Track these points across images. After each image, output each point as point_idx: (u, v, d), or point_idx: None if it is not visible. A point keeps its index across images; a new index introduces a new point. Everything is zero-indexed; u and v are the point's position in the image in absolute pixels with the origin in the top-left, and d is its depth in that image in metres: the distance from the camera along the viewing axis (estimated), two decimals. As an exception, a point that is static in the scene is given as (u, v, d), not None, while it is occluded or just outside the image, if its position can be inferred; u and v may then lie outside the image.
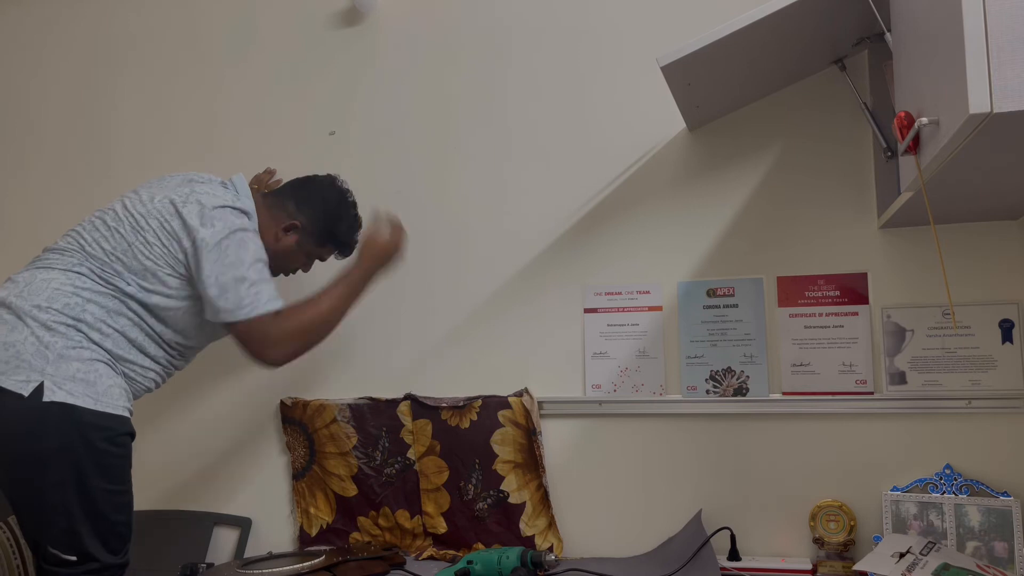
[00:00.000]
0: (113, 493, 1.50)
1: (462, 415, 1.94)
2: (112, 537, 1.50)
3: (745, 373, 1.80)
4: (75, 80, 2.39)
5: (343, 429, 2.01)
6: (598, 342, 1.91)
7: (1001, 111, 0.98)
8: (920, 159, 1.25)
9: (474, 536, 1.92)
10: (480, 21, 2.08)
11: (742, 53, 1.56)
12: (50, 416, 1.42)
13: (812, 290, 1.79)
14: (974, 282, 1.70)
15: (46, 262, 1.56)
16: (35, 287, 1.51)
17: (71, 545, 1.45)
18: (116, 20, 2.38)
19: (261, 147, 2.21)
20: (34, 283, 1.52)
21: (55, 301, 1.49)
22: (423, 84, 2.11)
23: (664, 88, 1.88)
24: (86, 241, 1.58)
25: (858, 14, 1.53)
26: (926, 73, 1.20)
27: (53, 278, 1.52)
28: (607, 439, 1.89)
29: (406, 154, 2.10)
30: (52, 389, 1.43)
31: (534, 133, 2.01)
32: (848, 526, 1.68)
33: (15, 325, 1.47)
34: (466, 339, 2.00)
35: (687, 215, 1.88)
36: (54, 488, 1.44)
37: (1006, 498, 1.59)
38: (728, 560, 1.70)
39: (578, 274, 1.94)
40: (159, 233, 1.57)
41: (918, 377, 1.71)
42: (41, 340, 1.46)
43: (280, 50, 2.22)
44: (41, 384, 1.43)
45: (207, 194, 1.60)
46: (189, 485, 2.13)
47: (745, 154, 1.86)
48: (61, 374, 1.44)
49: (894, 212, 1.59)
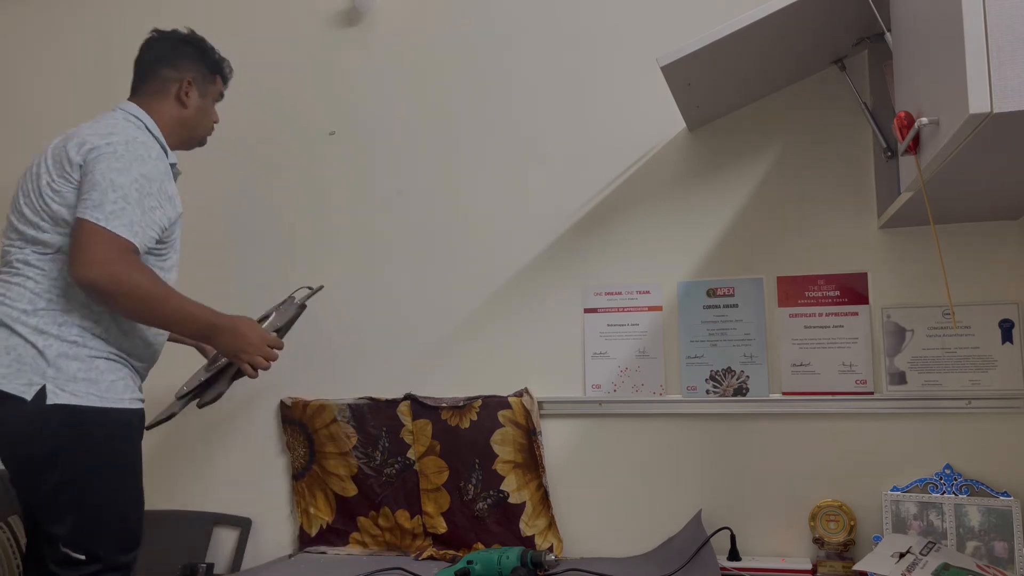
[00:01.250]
0: (123, 490, 1.50)
1: (462, 415, 1.94)
2: (125, 536, 1.50)
3: (745, 373, 1.80)
4: (75, 81, 2.39)
5: (343, 429, 2.01)
6: (598, 342, 1.91)
7: (1001, 111, 0.99)
8: (920, 159, 1.25)
9: (474, 536, 1.92)
10: (480, 21, 2.08)
11: (742, 53, 1.56)
12: (54, 418, 1.42)
13: (812, 290, 1.79)
14: (974, 282, 1.70)
15: (11, 265, 1.53)
16: (14, 293, 1.49)
17: (82, 544, 1.44)
18: (116, 20, 2.38)
19: (261, 147, 2.21)
20: (11, 289, 1.50)
21: (37, 302, 1.48)
22: (423, 84, 2.11)
23: (664, 88, 1.88)
24: (24, 226, 1.53)
25: (858, 14, 1.53)
26: (926, 73, 1.20)
27: (28, 278, 1.50)
28: (607, 439, 1.89)
29: (406, 154, 2.10)
30: (55, 392, 1.43)
31: (534, 133, 2.01)
32: (848, 526, 1.68)
33: (9, 333, 1.46)
34: (466, 339, 2.00)
35: (687, 215, 1.88)
36: (63, 488, 1.43)
37: (1006, 498, 1.59)
38: (728, 560, 1.70)
39: (578, 274, 1.94)
40: (54, 173, 1.52)
41: (918, 377, 1.71)
42: (36, 345, 1.45)
43: (280, 50, 2.22)
44: (43, 387, 1.43)
45: (91, 132, 1.54)
46: (189, 485, 2.13)
47: (745, 154, 1.86)
48: (63, 376, 1.44)
49: (894, 212, 1.59)
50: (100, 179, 1.46)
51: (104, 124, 1.56)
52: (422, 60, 2.11)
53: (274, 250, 2.16)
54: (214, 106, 1.78)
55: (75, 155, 1.50)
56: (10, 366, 1.44)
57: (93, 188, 1.45)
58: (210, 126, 1.77)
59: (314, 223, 2.14)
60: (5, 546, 1.76)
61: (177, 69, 1.70)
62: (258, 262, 2.17)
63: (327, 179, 2.15)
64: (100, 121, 1.58)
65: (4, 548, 1.77)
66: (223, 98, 1.80)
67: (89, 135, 1.52)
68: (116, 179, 1.46)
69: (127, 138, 1.52)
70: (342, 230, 2.12)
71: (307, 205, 2.15)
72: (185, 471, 2.14)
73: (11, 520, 1.86)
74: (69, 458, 1.43)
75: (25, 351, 1.45)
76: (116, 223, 1.44)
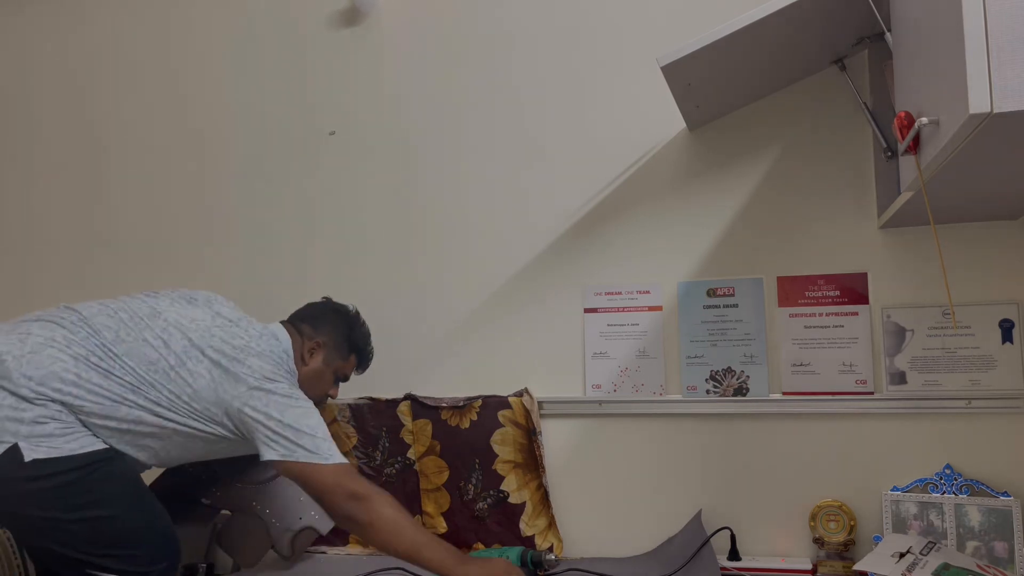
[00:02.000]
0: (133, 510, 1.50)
1: (462, 415, 1.94)
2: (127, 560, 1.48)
3: (745, 373, 1.80)
4: (75, 82, 2.39)
5: (343, 429, 2.01)
6: (598, 342, 1.91)
7: (1001, 111, 0.99)
8: (920, 159, 1.25)
9: (474, 536, 1.92)
10: (480, 21, 2.08)
11: (742, 53, 1.56)
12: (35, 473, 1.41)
13: (812, 290, 1.79)
14: (974, 282, 1.70)
15: (55, 332, 1.52)
16: (36, 360, 1.47)
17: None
18: (116, 21, 2.38)
19: (261, 147, 2.21)
20: (37, 354, 1.48)
21: (49, 381, 1.46)
22: (423, 84, 2.11)
23: (664, 88, 1.88)
24: (110, 339, 1.53)
25: (858, 14, 1.53)
26: (926, 73, 1.20)
27: (57, 357, 1.48)
28: (607, 439, 1.89)
29: (406, 154, 2.10)
30: (29, 449, 1.41)
31: (534, 133, 2.01)
32: (848, 526, 1.68)
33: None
34: (466, 339, 2.00)
35: (687, 215, 1.88)
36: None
37: (1006, 498, 1.59)
38: (728, 560, 1.70)
39: (578, 274, 1.94)
40: (208, 400, 1.55)
41: (918, 377, 1.71)
42: (16, 407, 1.43)
43: (280, 50, 2.23)
44: (15, 445, 1.41)
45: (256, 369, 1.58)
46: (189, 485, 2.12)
47: (745, 154, 1.86)
48: (37, 434, 1.43)
49: (894, 212, 1.59)
50: (299, 426, 1.53)
51: (258, 340, 1.62)
52: (422, 60, 2.11)
53: (273, 250, 2.16)
54: (334, 379, 1.79)
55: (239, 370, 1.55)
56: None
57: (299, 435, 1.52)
58: (322, 396, 1.78)
59: (314, 223, 2.14)
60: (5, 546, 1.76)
61: (316, 330, 1.75)
62: (257, 261, 2.17)
63: (326, 179, 2.15)
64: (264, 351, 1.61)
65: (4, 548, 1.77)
66: (347, 379, 1.83)
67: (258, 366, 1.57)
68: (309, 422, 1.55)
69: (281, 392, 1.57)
70: (342, 230, 2.12)
71: (307, 205, 2.15)
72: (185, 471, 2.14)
73: (11, 520, 1.86)
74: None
75: (2, 407, 1.43)
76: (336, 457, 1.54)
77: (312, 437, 1.52)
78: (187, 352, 1.55)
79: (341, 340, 1.77)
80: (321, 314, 1.79)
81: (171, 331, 1.57)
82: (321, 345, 1.74)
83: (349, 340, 1.79)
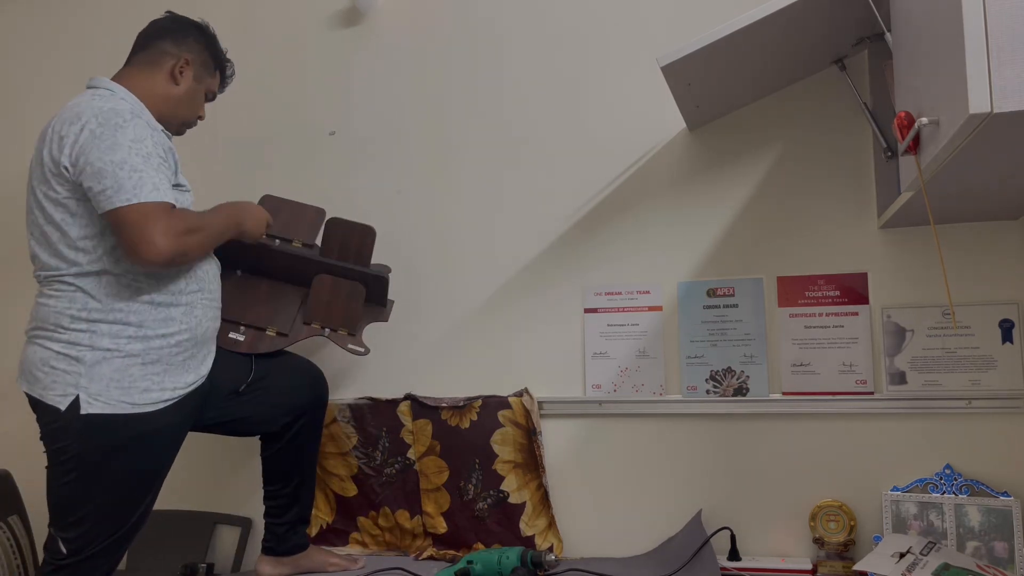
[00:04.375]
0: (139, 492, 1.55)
1: (462, 415, 1.94)
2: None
3: (745, 373, 1.80)
4: (75, 82, 2.39)
5: (343, 429, 2.01)
6: (598, 342, 1.91)
7: (1001, 111, 0.99)
8: (920, 159, 1.25)
9: (474, 536, 1.92)
10: (480, 21, 2.08)
11: (742, 53, 1.56)
12: (86, 426, 1.44)
13: (812, 290, 1.79)
14: (974, 282, 1.70)
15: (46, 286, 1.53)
16: (42, 313, 1.50)
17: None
18: (116, 20, 2.38)
19: (261, 147, 2.21)
20: (40, 310, 1.51)
21: (62, 319, 1.48)
22: (423, 84, 2.11)
23: (664, 88, 1.88)
24: (41, 250, 1.52)
25: (858, 14, 1.53)
26: (926, 73, 1.20)
27: (45, 300, 1.50)
28: (607, 439, 1.89)
29: (406, 154, 2.10)
30: (88, 402, 1.44)
31: (534, 133, 2.01)
32: (848, 526, 1.68)
33: (45, 350, 1.48)
34: (466, 339, 2.00)
35: (687, 215, 1.88)
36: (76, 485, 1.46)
37: (1006, 498, 1.59)
38: (728, 560, 1.70)
39: (578, 274, 1.94)
40: (53, 183, 1.48)
41: (918, 377, 1.71)
42: (71, 355, 1.46)
43: (280, 50, 2.23)
44: (77, 397, 1.44)
45: (61, 126, 1.48)
46: (189, 485, 2.13)
47: (745, 154, 1.86)
48: (96, 385, 1.45)
49: (894, 212, 1.59)
50: (101, 166, 1.43)
51: (70, 112, 1.49)
52: (422, 60, 2.11)
53: (274, 250, 2.16)
54: (204, 97, 1.72)
55: (59, 156, 1.46)
56: (48, 376, 1.45)
57: (102, 177, 1.42)
58: (194, 117, 1.71)
59: (314, 223, 2.14)
60: (5, 546, 1.77)
61: (178, 46, 1.65)
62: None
63: (326, 179, 2.15)
64: (64, 113, 1.51)
65: (4, 548, 1.77)
66: (215, 98, 1.76)
67: (61, 132, 1.47)
68: (114, 157, 1.43)
69: (95, 113, 1.47)
70: (342, 230, 2.12)
71: (307, 205, 2.15)
72: (185, 471, 2.14)
73: (11, 520, 1.86)
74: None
75: (58, 363, 1.46)
76: (143, 193, 1.42)
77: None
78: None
79: (207, 56, 1.69)
80: (179, 27, 1.67)
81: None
82: (190, 63, 1.65)
83: (212, 53, 1.71)
